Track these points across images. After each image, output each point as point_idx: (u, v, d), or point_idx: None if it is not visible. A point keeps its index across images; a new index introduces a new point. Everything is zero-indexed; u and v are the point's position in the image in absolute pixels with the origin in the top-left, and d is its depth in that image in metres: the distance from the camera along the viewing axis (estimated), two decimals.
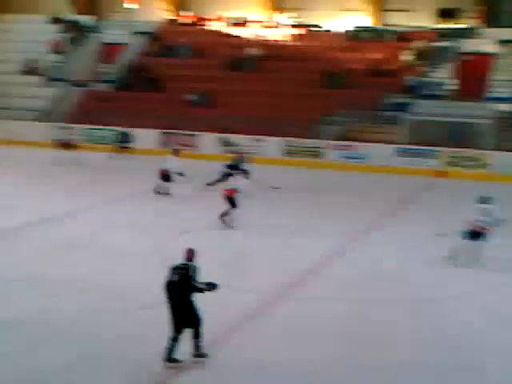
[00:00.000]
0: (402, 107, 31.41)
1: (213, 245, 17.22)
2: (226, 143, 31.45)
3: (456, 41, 34.79)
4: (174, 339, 10.66)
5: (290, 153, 31.07)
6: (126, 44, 40.09)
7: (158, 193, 23.39)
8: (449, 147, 29.14)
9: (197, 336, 10.80)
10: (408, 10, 39.44)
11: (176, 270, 10.76)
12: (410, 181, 27.19)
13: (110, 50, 39.72)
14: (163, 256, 15.54)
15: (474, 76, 32.52)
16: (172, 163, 23.26)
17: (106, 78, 38.06)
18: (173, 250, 15.57)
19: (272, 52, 37.12)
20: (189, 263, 10.83)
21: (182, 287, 10.63)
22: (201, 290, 10.74)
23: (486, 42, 34.11)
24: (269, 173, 27.27)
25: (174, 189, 23.09)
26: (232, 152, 25.69)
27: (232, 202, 19.30)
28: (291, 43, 38.37)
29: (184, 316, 10.66)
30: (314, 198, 23.67)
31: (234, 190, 19.38)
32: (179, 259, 10.89)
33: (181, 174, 22.84)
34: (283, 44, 38.45)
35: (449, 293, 14.68)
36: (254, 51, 37.23)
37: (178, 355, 10.69)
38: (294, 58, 36.19)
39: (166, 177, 23.32)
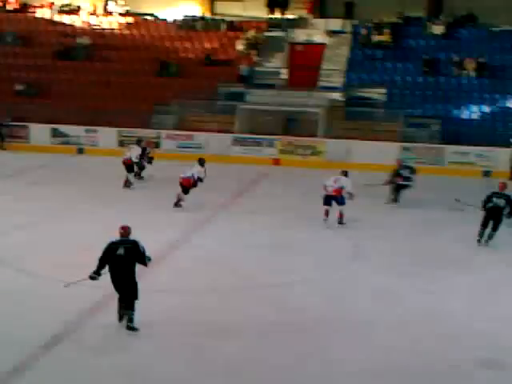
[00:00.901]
0: (236, 96, 31.54)
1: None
2: (58, 134, 30.43)
3: (287, 31, 35.37)
4: (127, 309, 11.54)
5: (125, 143, 30.41)
6: None
7: (128, 187, 23.13)
8: (284, 135, 29.55)
9: (131, 308, 11.48)
10: (238, 0, 39.59)
11: (121, 244, 11.44)
12: (247, 170, 27.29)
13: None
14: None
15: (305, 65, 33.17)
16: (134, 153, 23.34)
17: None
18: None
19: (103, 41, 36.29)
20: (135, 239, 11.59)
21: (129, 261, 11.40)
22: (146, 264, 11.69)
23: (316, 32, 34.92)
24: (106, 165, 26.74)
25: None
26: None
27: (186, 190, 20.21)
28: (123, 32, 37.58)
29: (126, 287, 11.44)
30: (149, 190, 23.29)
31: (191, 180, 20.22)
32: None
33: (137, 164, 23.40)
34: (115, 33, 37.61)
35: (293, 278, 14.83)
36: (84, 40, 36.14)
37: None
38: (126, 46, 35.58)
39: (129, 167, 23.21)
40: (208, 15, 39.13)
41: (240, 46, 34.85)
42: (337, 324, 12.42)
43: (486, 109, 30.87)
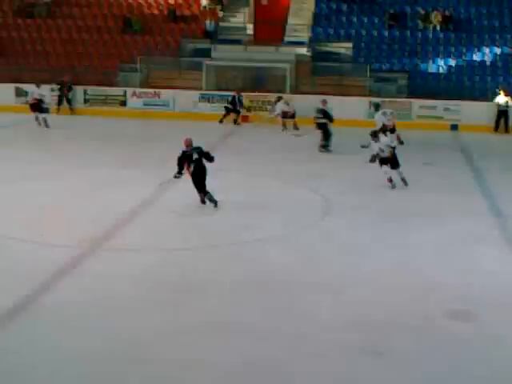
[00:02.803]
0: (202, 53, 31.25)
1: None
2: (23, 94, 29.98)
3: None
4: (205, 193, 16.01)
5: (91, 102, 30.08)
6: None
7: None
8: (251, 92, 29.32)
9: (206, 191, 15.98)
10: None
11: (193, 151, 15.81)
12: (215, 127, 27.14)
13: None
14: None
15: (271, 20, 32.85)
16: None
17: None
18: None
19: None
20: (198, 146, 16.01)
21: (202, 160, 15.86)
22: (212, 160, 16.06)
23: None
24: (73, 122, 26.55)
25: None
26: None
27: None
28: None
29: (203, 177, 15.89)
30: (120, 148, 23.09)
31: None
32: None
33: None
34: None
35: (264, 235, 14.81)
36: None
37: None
38: (88, 3, 34.91)
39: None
40: None
41: (204, 0, 34.38)
42: (308, 280, 12.38)
43: (452, 62, 30.92)
